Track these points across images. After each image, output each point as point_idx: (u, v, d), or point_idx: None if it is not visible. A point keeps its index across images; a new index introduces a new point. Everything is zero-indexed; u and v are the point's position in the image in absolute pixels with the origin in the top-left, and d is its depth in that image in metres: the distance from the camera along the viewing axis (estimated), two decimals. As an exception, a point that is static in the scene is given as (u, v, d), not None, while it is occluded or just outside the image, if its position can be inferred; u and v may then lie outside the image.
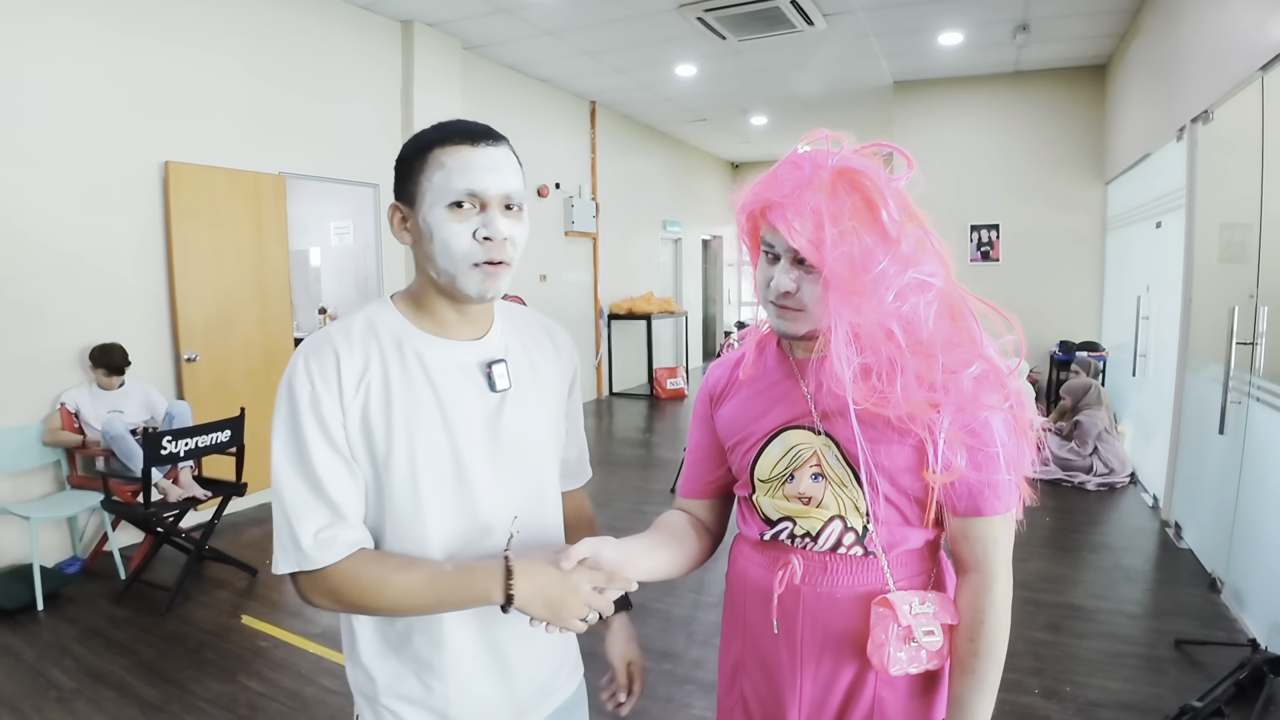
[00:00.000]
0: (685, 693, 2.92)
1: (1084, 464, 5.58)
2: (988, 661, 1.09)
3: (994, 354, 1.08)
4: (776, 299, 1.10)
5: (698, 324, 13.21)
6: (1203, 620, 3.40)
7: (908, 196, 1.09)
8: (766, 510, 1.19)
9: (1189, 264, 4.42)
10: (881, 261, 1.02)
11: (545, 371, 1.23)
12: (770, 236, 1.10)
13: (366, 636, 1.14)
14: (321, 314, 8.33)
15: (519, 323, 1.25)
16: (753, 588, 1.22)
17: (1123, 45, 6.69)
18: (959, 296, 1.10)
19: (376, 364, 1.08)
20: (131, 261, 4.54)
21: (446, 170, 1.05)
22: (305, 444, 1.03)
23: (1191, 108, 4.33)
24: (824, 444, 1.13)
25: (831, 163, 1.06)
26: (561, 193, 8.76)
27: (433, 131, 1.09)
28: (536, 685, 1.20)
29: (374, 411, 1.06)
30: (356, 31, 5.95)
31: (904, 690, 1.14)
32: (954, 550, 1.14)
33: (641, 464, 6.52)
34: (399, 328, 1.11)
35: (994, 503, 1.09)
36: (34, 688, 2.98)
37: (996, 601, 1.09)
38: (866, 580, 1.12)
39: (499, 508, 1.13)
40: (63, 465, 4.23)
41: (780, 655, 1.17)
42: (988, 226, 8.05)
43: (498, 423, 1.13)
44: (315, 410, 1.04)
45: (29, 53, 4.01)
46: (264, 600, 3.83)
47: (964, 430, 1.05)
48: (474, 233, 1.05)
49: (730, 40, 6.72)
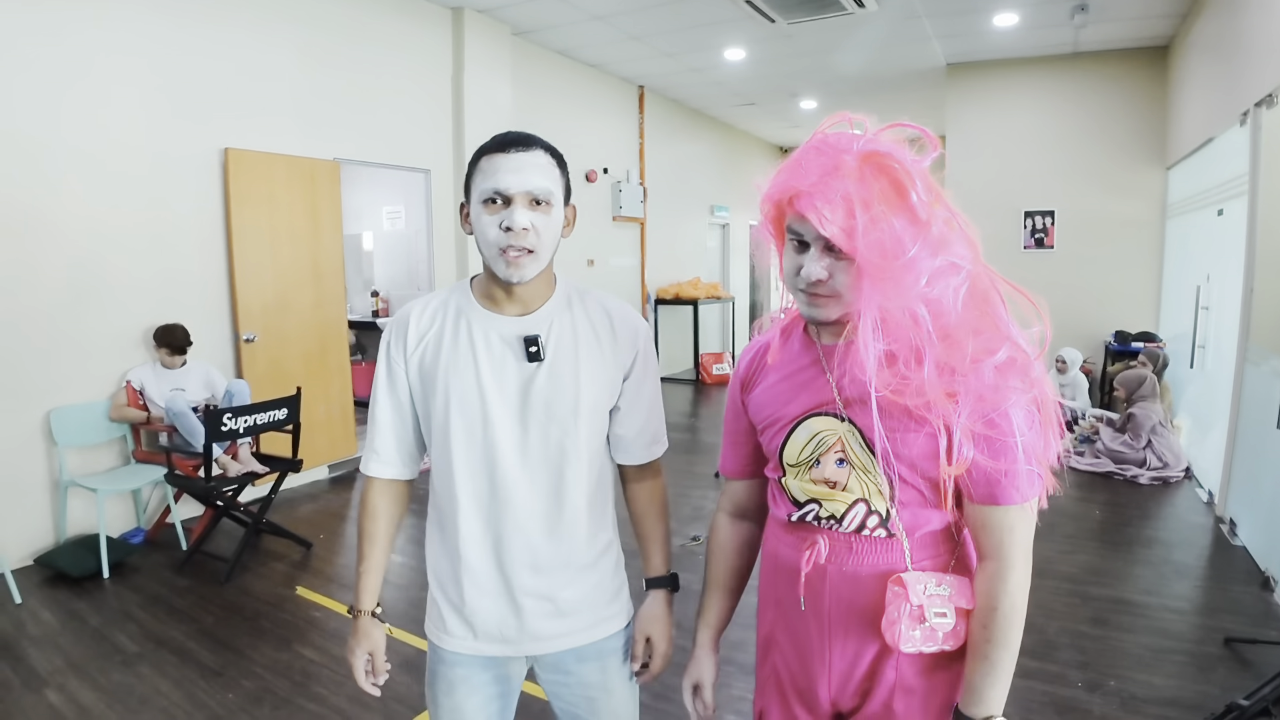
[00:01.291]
0: (725, 674, 2.95)
1: (1137, 457, 5.47)
2: (1001, 649, 1.08)
3: (1020, 339, 1.07)
4: (807, 287, 1.10)
5: (744, 309, 13.15)
6: (1254, 619, 3.33)
7: (931, 177, 1.08)
8: (794, 492, 1.21)
9: (1251, 253, 4.29)
10: (913, 246, 1.01)
11: (590, 353, 1.37)
12: (798, 225, 1.10)
13: (432, 540, 1.45)
14: (373, 296, 8.49)
15: (585, 307, 1.40)
16: (783, 566, 1.25)
17: (1185, 25, 6.46)
18: (987, 279, 1.09)
19: (437, 328, 1.37)
20: (193, 245, 4.70)
21: (483, 173, 1.28)
22: (377, 386, 1.42)
23: (1256, 91, 4.18)
24: (848, 430, 1.15)
25: (857, 147, 1.05)
26: (609, 178, 8.78)
27: (485, 144, 1.32)
28: (544, 618, 1.40)
29: (428, 361, 1.37)
30: (408, 19, 6.03)
31: (925, 667, 1.16)
32: (973, 537, 1.15)
33: (687, 448, 6.58)
34: (464, 303, 1.38)
35: (1011, 492, 1.08)
36: (100, 651, 3.14)
37: (1011, 589, 1.09)
38: (889, 560, 1.14)
39: (518, 457, 1.35)
40: (128, 440, 4.41)
41: (809, 631, 1.21)
42: (1042, 213, 7.86)
43: (530, 389, 1.34)
44: (388, 360, 1.40)
45: (95, 48, 4.16)
46: (318, 573, 3.97)
47: (982, 421, 1.05)
48: (499, 224, 1.26)
49: (780, 23, 6.66)
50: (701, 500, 5.02)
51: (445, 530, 1.40)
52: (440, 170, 6.41)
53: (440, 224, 6.48)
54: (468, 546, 1.37)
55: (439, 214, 6.45)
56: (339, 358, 5.67)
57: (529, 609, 1.38)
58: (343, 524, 4.73)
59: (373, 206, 8.73)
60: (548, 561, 1.37)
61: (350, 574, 3.98)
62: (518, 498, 1.34)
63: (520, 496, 1.34)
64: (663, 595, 1.50)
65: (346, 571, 3.99)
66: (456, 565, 1.38)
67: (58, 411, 4.09)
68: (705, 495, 5.13)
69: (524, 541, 1.36)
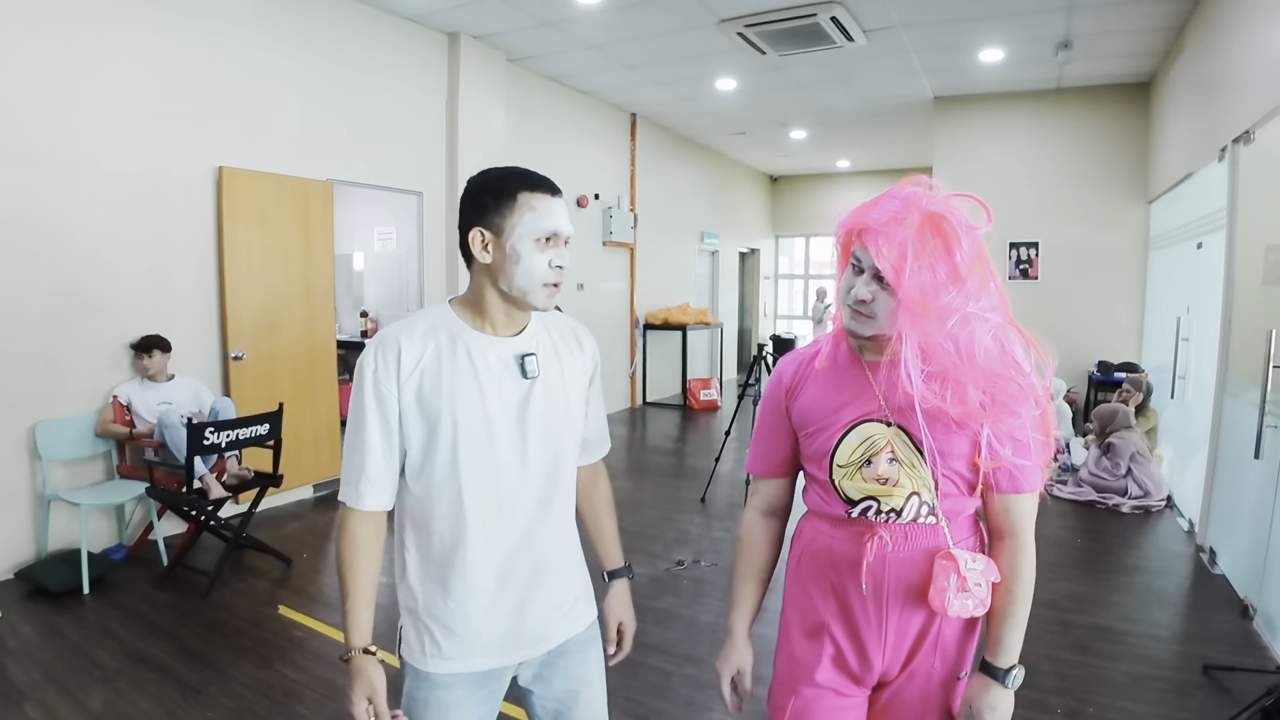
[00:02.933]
0: (706, 697, 2.96)
1: (1118, 485, 5.52)
2: (1022, 607, 1.37)
3: (1033, 373, 1.31)
4: (854, 304, 1.32)
5: (733, 336, 13.22)
6: (1233, 646, 3.36)
7: (983, 243, 1.29)
8: (849, 491, 1.39)
9: (1229, 286, 4.37)
10: (949, 294, 1.24)
11: (569, 365, 1.52)
12: (860, 253, 1.31)
13: (414, 564, 1.45)
14: (363, 317, 8.51)
15: (550, 325, 1.53)
16: (840, 559, 1.42)
17: (1166, 63, 6.62)
18: (1009, 330, 1.33)
19: (433, 353, 1.39)
20: (184, 262, 4.72)
21: (537, 213, 1.37)
22: (364, 412, 1.38)
23: (1233, 128, 4.28)
24: (895, 434, 1.36)
25: (924, 205, 1.27)
26: (600, 203, 8.87)
27: (514, 179, 1.40)
28: (542, 620, 1.48)
29: (428, 388, 1.37)
30: (404, 43, 6.11)
31: (958, 628, 1.41)
32: (992, 522, 1.41)
33: (673, 473, 6.56)
34: (454, 326, 1.42)
35: (1027, 482, 1.36)
36: (79, 667, 3.11)
37: (1029, 559, 1.38)
38: (935, 541, 1.37)
39: (519, 469, 1.43)
40: (113, 455, 4.40)
41: (868, 612, 1.40)
42: (1027, 244, 7.99)
43: (527, 404, 1.43)
44: (375, 386, 1.37)
45: (91, 65, 4.21)
46: (300, 592, 3.95)
47: (1007, 429, 1.31)
48: (549, 261, 1.38)
49: (770, 55, 6.77)
50: (687, 525, 5.01)
51: (443, 551, 1.42)
52: (433, 193, 6.46)
53: (431, 246, 6.51)
54: (474, 564, 1.41)
55: (430, 236, 6.49)
56: (327, 377, 5.67)
57: (530, 614, 1.46)
58: (326, 543, 4.71)
59: (364, 227, 8.77)
60: (547, 566, 1.48)
61: (333, 593, 3.96)
62: (521, 509, 1.44)
63: (523, 508, 1.44)
64: (625, 583, 1.72)
65: (329, 591, 3.98)
66: (458, 585, 1.41)
67: (43, 425, 4.08)
68: (690, 520, 5.13)
69: (527, 551, 1.45)
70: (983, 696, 1.36)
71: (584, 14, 5.99)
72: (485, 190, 1.39)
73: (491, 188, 1.39)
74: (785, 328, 14.56)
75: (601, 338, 1.33)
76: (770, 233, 14.31)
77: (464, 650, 1.43)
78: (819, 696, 1.45)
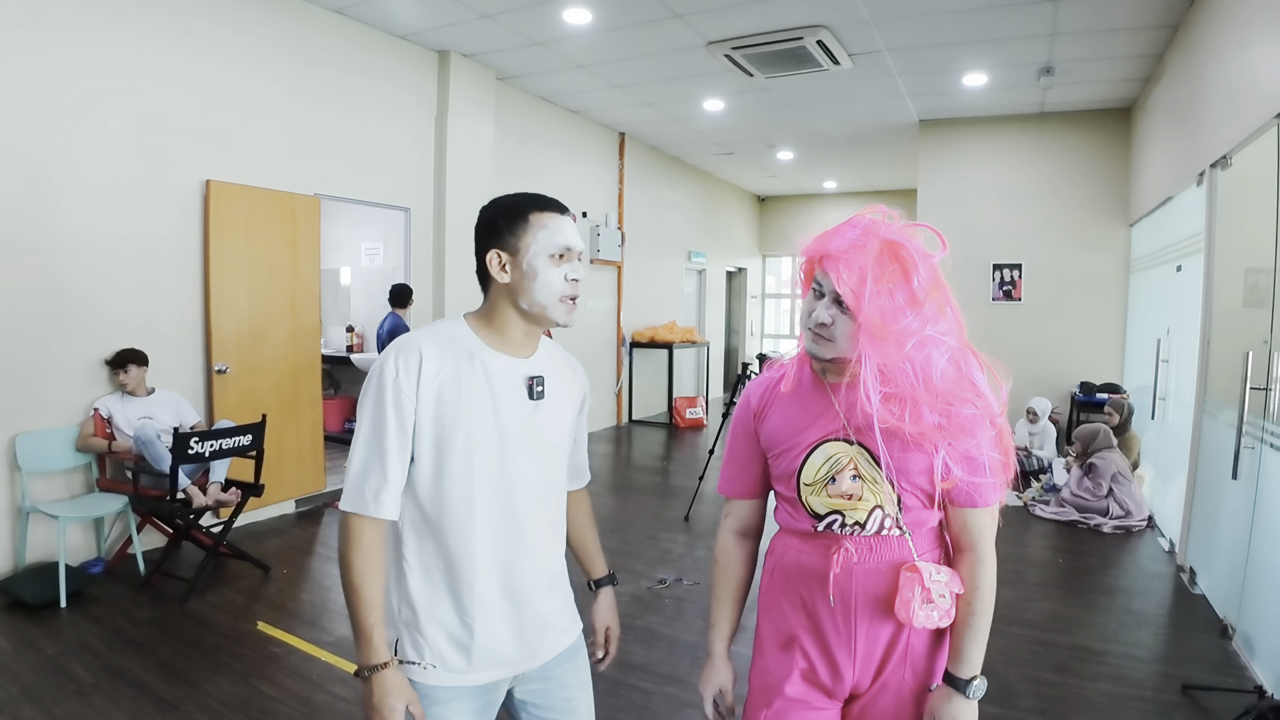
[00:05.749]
0: (687, 717, 2.94)
1: (1099, 506, 5.55)
2: (982, 619, 1.39)
3: (989, 397, 1.36)
4: (814, 327, 1.38)
5: (719, 354, 13.25)
6: (1212, 666, 3.37)
7: (939, 270, 1.35)
8: (815, 507, 1.43)
9: (1207, 308, 4.43)
10: (907, 318, 1.29)
11: (564, 391, 1.58)
12: (822, 278, 1.37)
13: (415, 575, 1.45)
14: (349, 332, 8.49)
15: (551, 352, 1.60)
16: (808, 572, 1.45)
17: (1146, 89, 6.73)
18: (966, 354, 1.37)
19: (451, 365, 1.42)
20: (170, 275, 4.71)
21: (549, 230, 1.45)
22: (384, 418, 1.39)
23: (1211, 153, 4.36)
24: (857, 452, 1.40)
25: (883, 233, 1.33)
26: (588, 221, 8.90)
27: (525, 201, 1.48)
28: (541, 632, 1.52)
29: (445, 399, 1.41)
30: (394, 60, 6.14)
31: (927, 639, 1.44)
32: (953, 536, 1.45)
33: (658, 491, 6.56)
34: (472, 342, 1.47)
35: (983, 498, 1.39)
36: (54, 681, 3.07)
37: (989, 572, 1.41)
38: (900, 553, 1.40)
39: (526, 486, 1.48)
40: (92, 468, 4.36)
41: (836, 624, 1.43)
42: (1010, 266, 8.07)
43: (532, 422, 1.49)
44: (395, 392, 1.38)
45: (79, 77, 4.21)
46: (280, 608, 3.92)
47: (962, 448, 1.35)
48: (564, 275, 1.46)
49: (758, 77, 6.85)
50: (670, 544, 5.01)
51: (451, 563, 1.44)
52: (421, 209, 6.47)
53: (418, 261, 6.51)
54: (483, 577, 1.44)
55: (418, 251, 6.49)
56: (311, 392, 5.65)
57: (532, 626, 1.51)
58: (307, 559, 4.67)
59: (352, 242, 8.77)
60: (548, 579, 1.54)
61: (312, 609, 3.93)
62: (526, 524, 1.49)
63: (528, 522, 1.49)
64: (611, 591, 1.79)
65: (308, 607, 3.94)
66: (465, 597, 1.44)
67: (23, 437, 4.04)
68: (674, 539, 5.12)
69: (531, 565, 1.50)
70: (944, 707, 1.39)
71: (573, 35, 6.04)
72: (499, 214, 1.47)
73: (504, 211, 1.47)
74: (771, 347, 14.61)
75: (588, 356, 1.34)
76: (758, 252, 14.39)
77: (467, 663, 1.44)
78: (790, 708, 1.47)
